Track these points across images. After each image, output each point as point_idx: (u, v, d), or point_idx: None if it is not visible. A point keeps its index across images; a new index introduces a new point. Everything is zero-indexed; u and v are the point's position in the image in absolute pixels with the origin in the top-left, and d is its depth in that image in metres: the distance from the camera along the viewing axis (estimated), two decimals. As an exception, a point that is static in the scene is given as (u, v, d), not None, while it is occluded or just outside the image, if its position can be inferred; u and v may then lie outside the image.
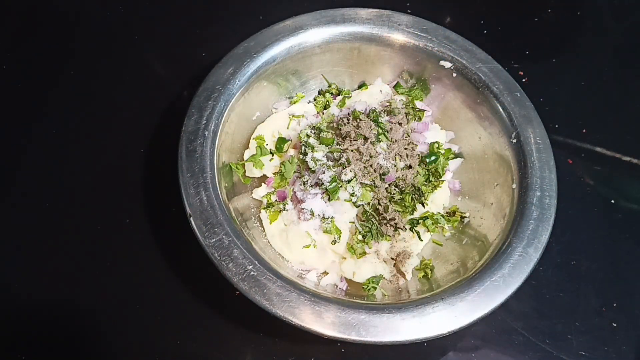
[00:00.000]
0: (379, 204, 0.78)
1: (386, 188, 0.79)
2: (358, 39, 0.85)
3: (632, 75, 1.05)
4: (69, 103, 0.94)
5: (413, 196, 0.79)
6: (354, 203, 0.77)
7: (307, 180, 0.78)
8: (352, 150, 0.78)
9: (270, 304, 0.61)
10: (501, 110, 0.79)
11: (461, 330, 0.63)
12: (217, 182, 0.70)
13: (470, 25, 1.08)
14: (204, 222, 0.66)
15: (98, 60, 0.99)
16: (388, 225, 0.77)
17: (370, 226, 0.77)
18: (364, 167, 0.78)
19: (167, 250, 0.80)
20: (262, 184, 0.82)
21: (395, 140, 0.81)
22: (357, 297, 0.73)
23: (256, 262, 0.64)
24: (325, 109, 0.88)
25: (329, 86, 0.91)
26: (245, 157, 0.83)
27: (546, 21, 1.11)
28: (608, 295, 0.81)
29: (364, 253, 0.76)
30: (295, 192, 0.79)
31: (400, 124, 0.83)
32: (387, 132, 0.81)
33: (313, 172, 0.78)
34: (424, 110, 0.88)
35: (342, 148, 0.79)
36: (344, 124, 0.82)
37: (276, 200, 0.80)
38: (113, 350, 0.73)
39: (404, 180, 0.79)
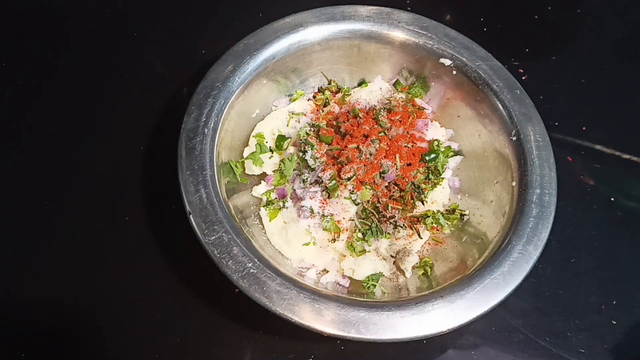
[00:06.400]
0: (378, 201, 0.78)
1: (386, 186, 0.79)
2: (358, 37, 0.85)
3: (632, 73, 1.05)
4: (68, 101, 0.93)
5: (413, 194, 0.79)
6: (354, 201, 0.77)
7: (306, 178, 0.78)
8: (351, 148, 0.78)
9: (270, 302, 0.61)
10: (501, 107, 0.79)
11: (461, 328, 0.63)
12: (216, 179, 0.70)
13: (470, 22, 1.08)
14: (204, 219, 0.66)
15: (97, 57, 0.99)
16: (388, 223, 0.77)
17: (370, 224, 0.77)
18: (364, 165, 0.77)
19: (166, 248, 0.80)
20: (262, 181, 0.82)
21: (395, 138, 0.81)
22: (356, 294, 0.73)
23: (256, 260, 0.64)
24: (325, 106, 0.88)
25: (329, 84, 0.91)
26: (245, 154, 0.83)
27: (546, 19, 1.11)
28: (607, 293, 0.81)
29: (364, 251, 0.76)
30: (294, 190, 0.79)
31: (400, 121, 0.83)
32: (387, 130, 0.81)
33: (313, 169, 0.78)
34: (424, 108, 0.88)
35: (341, 146, 0.79)
36: (344, 122, 0.82)
37: (276, 197, 0.80)
38: (112, 347, 0.73)
39: (404, 178, 0.79)
